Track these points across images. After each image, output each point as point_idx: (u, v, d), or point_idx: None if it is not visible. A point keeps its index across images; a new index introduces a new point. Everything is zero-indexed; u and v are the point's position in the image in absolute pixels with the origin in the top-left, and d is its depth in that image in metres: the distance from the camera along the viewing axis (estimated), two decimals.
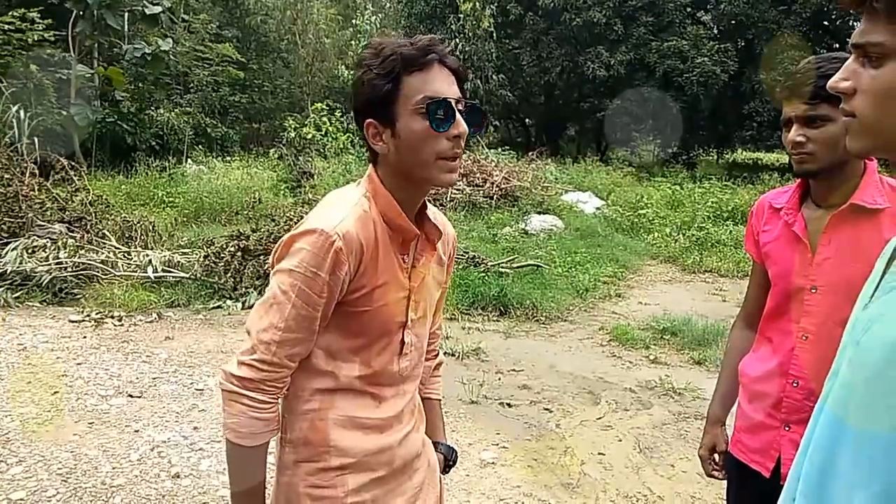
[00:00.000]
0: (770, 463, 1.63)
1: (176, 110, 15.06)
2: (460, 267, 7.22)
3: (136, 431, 3.74)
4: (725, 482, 1.88)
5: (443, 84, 1.24)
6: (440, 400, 1.69)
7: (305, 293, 1.23)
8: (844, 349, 0.91)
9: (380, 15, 20.32)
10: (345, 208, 1.28)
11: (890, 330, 0.81)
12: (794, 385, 1.58)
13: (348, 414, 1.33)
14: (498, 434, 3.95)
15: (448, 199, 10.58)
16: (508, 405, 4.37)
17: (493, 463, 3.61)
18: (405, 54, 1.22)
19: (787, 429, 1.60)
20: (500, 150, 14.93)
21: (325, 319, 1.29)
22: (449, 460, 1.65)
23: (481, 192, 10.99)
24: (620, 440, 3.94)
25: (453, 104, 1.24)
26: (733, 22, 20.02)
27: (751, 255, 1.79)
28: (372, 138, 1.27)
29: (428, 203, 1.40)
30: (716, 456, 1.88)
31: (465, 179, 11.35)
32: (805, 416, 1.05)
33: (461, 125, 1.25)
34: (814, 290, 1.56)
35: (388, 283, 1.32)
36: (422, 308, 1.40)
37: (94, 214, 7.43)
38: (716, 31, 20.62)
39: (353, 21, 18.92)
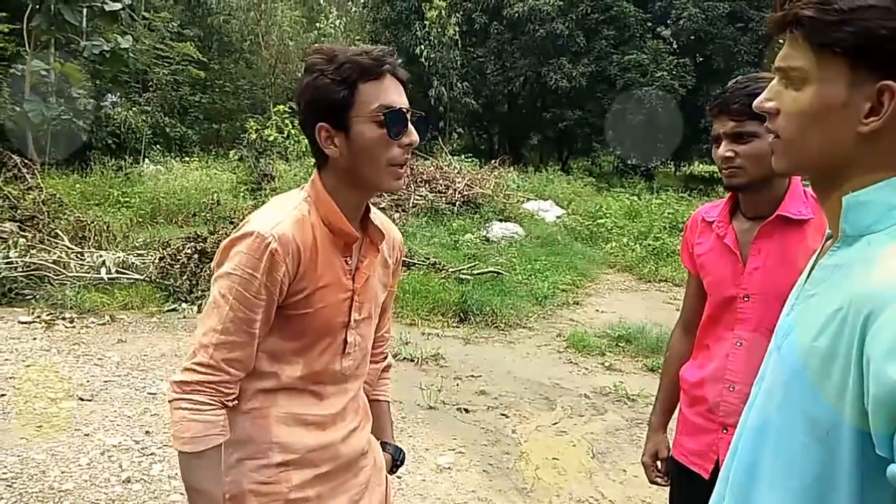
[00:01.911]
0: (709, 465, 1.70)
1: (134, 109, 14.77)
2: (421, 273, 7.25)
3: (87, 435, 3.67)
4: None
5: (395, 94, 1.30)
6: (389, 402, 1.71)
7: (242, 295, 1.25)
8: (770, 355, 0.97)
9: (344, 19, 20.28)
10: (282, 212, 1.31)
11: (805, 337, 0.86)
12: (731, 389, 1.66)
13: (290, 411, 1.35)
14: (455, 439, 3.98)
15: (410, 204, 10.60)
16: (466, 411, 4.41)
17: (448, 468, 3.64)
18: (362, 63, 1.26)
19: (724, 431, 1.67)
20: (463, 157, 14.97)
21: (268, 324, 1.31)
22: (396, 461, 1.67)
23: (444, 198, 11.03)
24: (574, 445, 4.01)
25: (407, 115, 1.30)
26: (692, 37, 20.54)
27: (686, 267, 1.88)
28: (323, 141, 1.30)
29: (371, 206, 1.44)
30: (658, 463, 1.95)
31: (427, 186, 11.38)
32: None
33: (413, 134, 1.32)
34: (746, 299, 1.64)
35: (330, 285, 1.34)
36: (366, 309, 1.43)
37: (46, 213, 7.26)
38: (675, 46, 21.08)
39: (318, 24, 18.84)
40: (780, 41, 0.90)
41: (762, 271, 1.62)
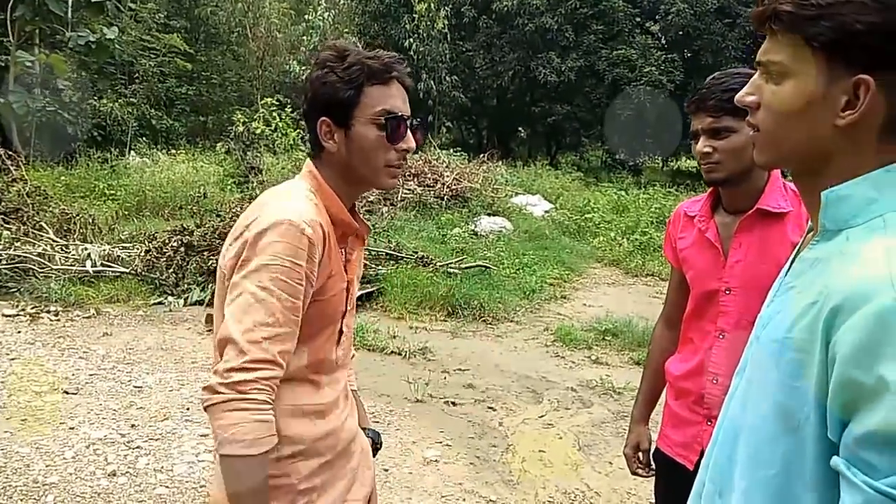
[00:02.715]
0: (694, 456, 1.72)
1: (120, 101, 14.64)
2: (409, 267, 7.25)
3: (72, 429, 3.65)
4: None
5: (399, 101, 1.36)
6: (356, 389, 1.74)
7: (288, 285, 1.24)
8: (750, 345, 0.98)
9: (333, 11, 20.12)
10: (301, 200, 1.32)
11: (781, 328, 0.88)
12: (714, 381, 1.68)
13: (294, 403, 1.35)
14: (442, 432, 4.00)
15: (399, 198, 10.58)
16: (453, 404, 4.42)
17: (435, 461, 3.65)
18: (371, 67, 1.31)
19: (709, 423, 1.68)
20: (451, 151, 14.96)
21: (303, 311, 1.30)
22: (376, 444, 1.71)
23: (432, 192, 11.02)
24: (561, 438, 4.03)
25: (407, 122, 1.36)
26: (680, 33, 20.59)
27: (669, 261, 1.89)
28: (323, 135, 1.34)
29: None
30: (640, 454, 1.98)
31: (415, 179, 11.36)
32: None
33: (411, 141, 1.38)
34: (728, 292, 1.66)
35: (337, 275, 1.37)
36: (352, 300, 1.48)
37: (31, 206, 7.19)
38: (663, 42, 21.14)
39: (306, 16, 18.70)
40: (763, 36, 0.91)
41: (743, 264, 1.64)
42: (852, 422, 0.76)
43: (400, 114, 1.34)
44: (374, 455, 1.67)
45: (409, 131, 1.37)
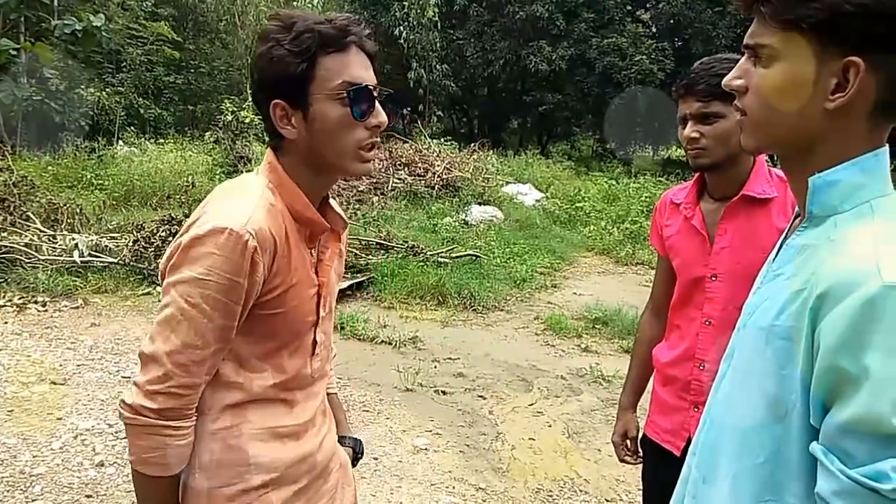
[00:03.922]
0: (681, 442, 1.72)
1: (107, 90, 14.48)
2: (399, 256, 7.24)
3: (59, 419, 3.63)
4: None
5: (361, 69, 1.16)
6: (337, 393, 1.62)
7: (221, 303, 1.10)
8: (737, 332, 0.98)
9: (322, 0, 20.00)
10: (250, 201, 1.14)
11: (768, 316, 0.87)
12: (701, 368, 1.68)
13: (264, 425, 1.22)
14: (432, 421, 4.00)
15: (389, 188, 10.55)
16: (443, 393, 4.43)
17: (425, 449, 3.66)
18: (323, 32, 1.12)
19: (695, 409, 1.69)
20: (442, 140, 14.92)
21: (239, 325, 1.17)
22: (357, 453, 1.59)
23: (423, 181, 10.99)
24: (550, 426, 4.04)
25: (375, 92, 1.17)
26: (671, 21, 20.55)
27: (656, 248, 1.89)
28: (279, 121, 1.16)
29: (328, 192, 1.32)
30: (628, 441, 1.98)
31: (406, 169, 11.33)
32: None
33: (381, 115, 1.19)
34: (714, 278, 1.66)
35: (300, 282, 1.22)
36: (328, 303, 1.32)
37: (18, 196, 7.11)
38: (654, 30, 21.10)
39: (295, 4, 18.56)
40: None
41: (729, 251, 1.64)
42: (833, 409, 0.76)
43: (364, 84, 1.15)
44: (354, 465, 1.55)
45: (377, 103, 1.18)
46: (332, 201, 1.32)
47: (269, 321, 1.19)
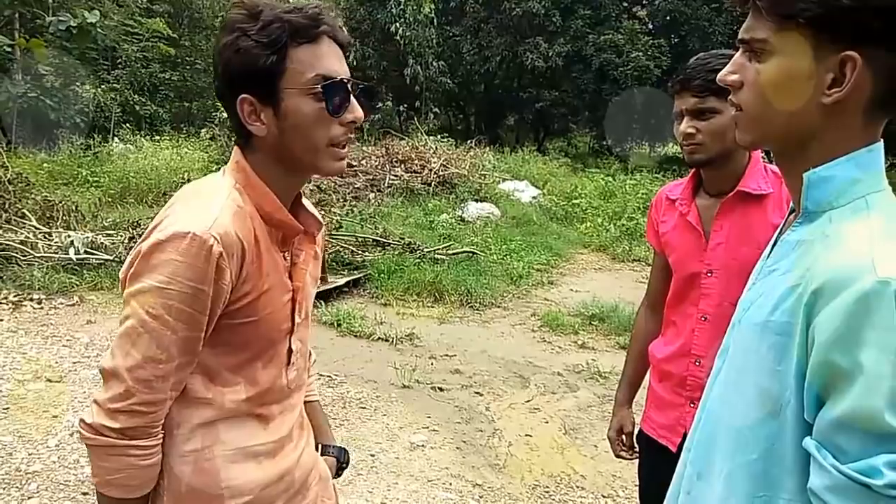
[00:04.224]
0: (677, 438, 1.73)
1: (103, 87, 14.44)
2: (396, 253, 7.24)
3: (55, 417, 3.62)
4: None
5: (334, 61, 1.10)
6: (319, 400, 1.53)
7: (186, 313, 1.03)
8: (732, 328, 0.98)
9: None
10: (216, 203, 1.07)
11: (763, 312, 0.87)
12: (697, 364, 1.68)
13: (237, 445, 1.14)
14: (429, 417, 4.00)
15: (386, 184, 10.54)
16: (440, 389, 4.43)
17: (422, 446, 3.66)
18: (293, 22, 1.06)
19: (692, 405, 1.69)
20: (438, 136, 14.88)
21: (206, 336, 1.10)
22: (341, 462, 1.49)
23: (419, 178, 10.99)
24: (547, 422, 4.05)
25: (349, 86, 1.11)
26: (668, 18, 20.57)
27: (652, 245, 1.90)
28: (247, 117, 1.08)
29: (301, 192, 1.25)
30: (623, 437, 1.99)
31: (402, 166, 11.33)
32: None
33: (357, 109, 1.13)
34: (710, 274, 1.66)
35: (273, 288, 1.14)
36: (304, 309, 1.24)
37: (13, 193, 7.09)
38: (650, 27, 21.12)
39: (290, 1, 18.50)
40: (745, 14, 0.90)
41: (724, 247, 1.64)
42: (826, 404, 0.76)
43: (339, 77, 1.08)
44: (339, 475, 1.47)
45: (352, 98, 1.11)
46: (305, 201, 1.26)
47: (240, 330, 1.12)
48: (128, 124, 14.17)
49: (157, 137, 13.17)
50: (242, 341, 1.13)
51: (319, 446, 1.43)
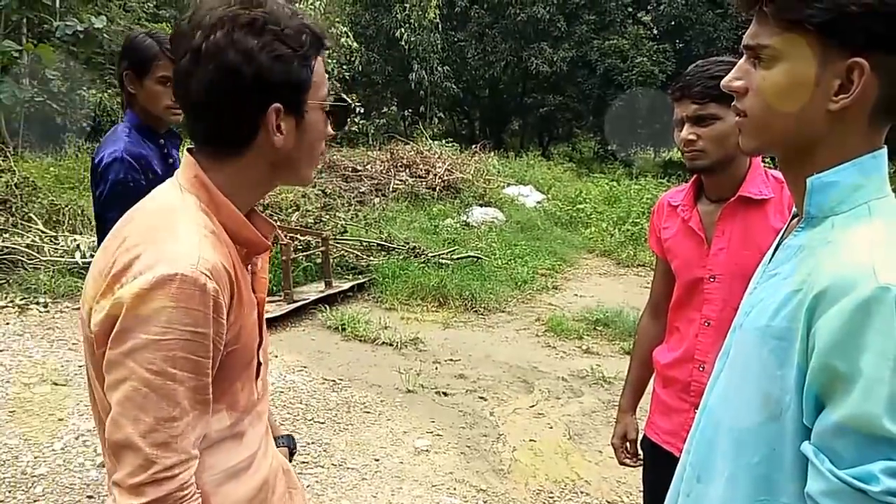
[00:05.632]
0: (681, 444, 1.71)
1: (109, 91, 14.51)
2: (401, 258, 7.24)
3: (61, 420, 3.64)
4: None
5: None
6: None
7: (190, 362, 0.94)
8: (733, 332, 0.98)
9: (323, 0, 20.02)
10: (191, 233, 0.97)
11: (764, 316, 0.87)
12: (700, 369, 1.68)
13: (221, 468, 1.09)
14: (433, 422, 4.00)
15: (390, 189, 10.56)
16: (444, 394, 4.43)
17: (426, 450, 3.66)
18: (315, 32, 1.00)
19: (696, 411, 1.69)
20: (443, 141, 14.90)
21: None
22: (292, 450, 1.47)
23: (424, 183, 11.00)
24: (551, 427, 4.04)
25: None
26: (672, 23, 20.56)
27: (654, 251, 1.90)
28: (274, 128, 1.00)
29: None
30: (627, 444, 1.99)
31: (407, 170, 11.35)
32: None
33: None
34: (712, 279, 1.67)
35: (247, 308, 1.07)
36: (262, 323, 1.19)
37: (20, 197, 7.14)
38: (655, 32, 21.10)
39: (296, 5, 18.57)
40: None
41: (727, 252, 1.65)
42: (825, 409, 0.76)
43: (342, 95, 1.08)
44: (290, 460, 1.44)
45: None
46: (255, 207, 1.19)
47: (225, 361, 1.03)
48: None
49: None
50: (226, 370, 1.05)
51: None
